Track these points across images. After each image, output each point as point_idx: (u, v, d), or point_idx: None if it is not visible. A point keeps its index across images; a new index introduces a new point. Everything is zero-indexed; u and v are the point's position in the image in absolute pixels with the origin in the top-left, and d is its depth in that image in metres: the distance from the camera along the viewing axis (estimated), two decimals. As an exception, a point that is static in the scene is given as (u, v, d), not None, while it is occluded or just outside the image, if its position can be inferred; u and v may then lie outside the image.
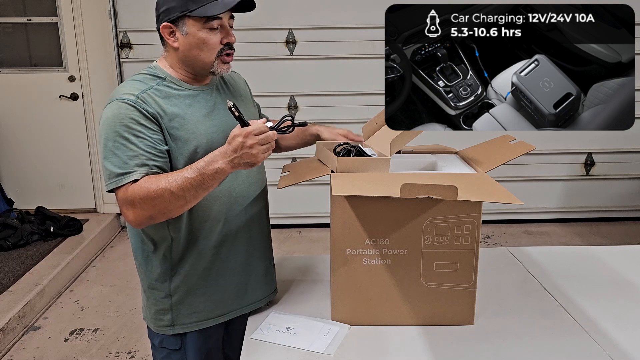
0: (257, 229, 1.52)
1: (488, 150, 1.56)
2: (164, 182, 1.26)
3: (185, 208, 1.31)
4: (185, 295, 1.45)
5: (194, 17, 1.33)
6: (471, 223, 1.33)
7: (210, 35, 1.36)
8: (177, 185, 1.25)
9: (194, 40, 1.36)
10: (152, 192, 1.26)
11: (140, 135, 1.30)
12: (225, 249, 1.46)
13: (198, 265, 1.44)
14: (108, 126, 1.31)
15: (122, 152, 1.29)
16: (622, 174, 4.39)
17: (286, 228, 4.35)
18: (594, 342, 1.33)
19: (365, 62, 4.04)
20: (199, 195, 1.29)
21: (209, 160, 1.26)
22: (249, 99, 1.61)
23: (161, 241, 1.42)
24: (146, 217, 1.29)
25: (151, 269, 1.45)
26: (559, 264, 1.76)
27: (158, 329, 1.49)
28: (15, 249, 3.65)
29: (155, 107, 1.34)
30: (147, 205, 1.27)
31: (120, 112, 1.31)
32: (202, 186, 1.27)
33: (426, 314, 1.39)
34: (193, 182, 1.26)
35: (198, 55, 1.37)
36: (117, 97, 1.34)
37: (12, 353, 2.76)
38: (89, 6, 4.13)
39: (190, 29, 1.35)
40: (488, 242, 4.06)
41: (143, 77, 1.40)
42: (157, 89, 1.37)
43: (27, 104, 4.29)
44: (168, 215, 1.31)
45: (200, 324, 1.47)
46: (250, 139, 1.23)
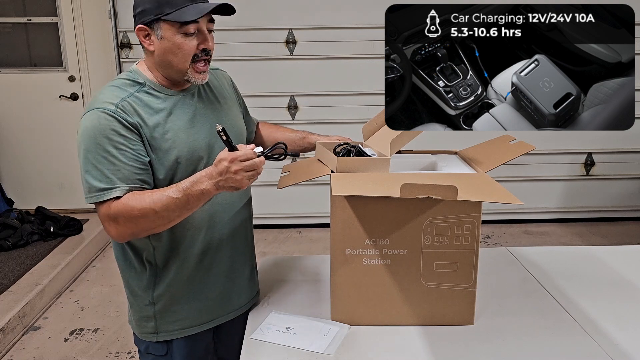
0: (241, 237, 1.51)
1: (488, 150, 1.56)
2: (148, 201, 1.24)
3: (169, 226, 1.30)
4: (168, 304, 1.43)
5: (168, 21, 1.29)
6: (471, 223, 1.33)
7: (186, 41, 1.30)
8: (161, 205, 1.23)
9: (168, 45, 1.31)
10: (136, 211, 1.24)
11: (122, 147, 1.27)
12: (208, 257, 1.44)
13: (181, 273, 1.42)
14: (88, 137, 1.28)
15: (103, 165, 1.26)
16: (622, 174, 4.39)
17: (286, 228, 4.35)
18: (594, 342, 1.33)
19: (365, 62, 4.04)
20: (183, 214, 1.27)
21: (194, 181, 1.24)
22: (234, 100, 1.56)
23: (142, 250, 1.40)
24: (129, 233, 1.28)
25: (133, 277, 1.43)
26: (559, 264, 1.76)
27: (142, 336, 1.47)
28: (15, 249, 3.65)
29: (135, 117, 1.30)
30: (130, 224, 1.25)
31: (100, 122, 1.27)
32: (187, 207, 1.25)
33: (426, 314, 1.39)
34: (178, 202, 1.23)
35: (172, 61, 1.32)
36: (96, 106, 1.30)
37: (12, 353, 2.76)
38: (89, 6, 4.13)
39: (165, 33, 1.30)
40: (488, 242, 4.06)
41: (122, 82, 1.35)
42: (136, 97, 1.32)
43: (27, 104, 4.29)
44: (151, 232, 1.30)
45: (184, 331, 1.46)
46: (235, 165, 1.21)
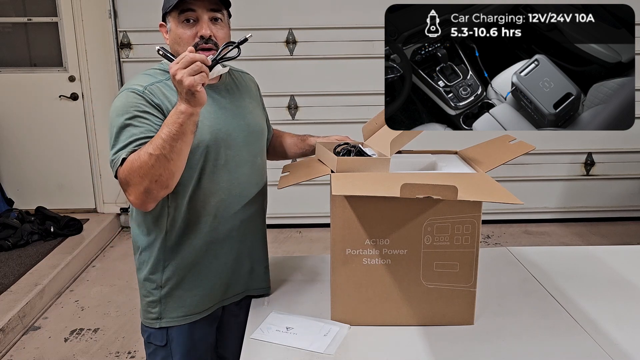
0: (252, 229, 1.54)
1: (488, 150, 1.56)
2: (143, 149, 1.26)
3: (173, 168, 1.27)
4: (174, 288, 1.47)
5: (171, 13, 1.39)
6: (471, 223, 1.33)
7: (184, 30, 1.38)
8: (152, 146, 1.24)
9: (173, 36, 1.41)
10: (136, 161, 1.26)
11: (143, 121, 1.33)
12: (217, 245, 1.47)
13: (189, 258, 1.45)
14: (115, 114, 1.34)
15: (124, 137, 1.32)
16: (622, 174, 4.39)
17: (286, 228, 4.35)
18: (594, 342, 1.33)
19: (365, 62, 4.04)
20: (177, 148, 1.24)
21: (171, 112, 1.25)
22: (258, 102, 1.62)
23: (159, 232, 1.44)
24: (142, 192, 1.27)
25: (148, 260, 1.47)
26: (559, 264, 1.76)
27: (146, 322, 1.51)
28: (15, 249, 3.65)
29: (162, 99, 1.36)
30: (136, 178, 1.26)
31: (127, 100, 1.34)
32: (173, 136, 1.23)
33: (426, 314, 1.39)
34: (163, 135, 1.23)
35: (179, 51, 1.39)
36: (127, 87, 1.38)
37: (12, 353, 2.76)
38: (89, 6, 4.13)
39: (171, 25, 1.41)
40: (488, 242, 4.06)
41: (154, 71, 1.44)
42: (165, 84, 1.39)
43: (27, 104, 4.29)
44: (162, 182, 1.27)
45: (186, 318, 1.49)
46: (178, 73, 1.20)
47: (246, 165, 1.49)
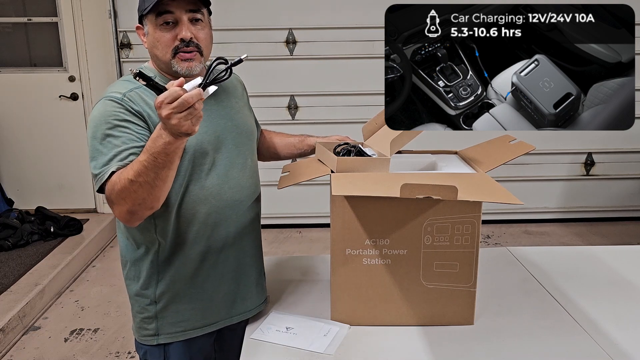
0: (249, 236, 1.48)
1: (488, 150, 1.56)
2: (124, 173, 1.20)
3: (158, 193, 1.21)
4: (170, 302, 1.40)
5: (148, 15, 1.33)
6: (471, 223, 1.33)
7: (163, 33, 1.32)
8: (134, 172, 1.18)
9: (151, 40, 1.35)
10: (118, 184, 1.21)
11: (123, 130, 1.27)
12: (213, 255, 1.41)
13: (184, 270, 1.39)
14: (94, 124, 1.29)
15: (105, 148, 1.26)
16: (622, 174, 4.39)
17: (286, 228, 4.35)
18: (594, 342, 1.33)
19: (365, 62, 4.04)
20: (162, 175, 1.18)
21: (154, 138, 1.16)
22: (245, 101, 1.57)
23: (149, 245, 1.38)
24: (125, 212, 1.24)
25: (138, 275, 1.41)
26: (559, 264, 1.76)
27: (142, 339, 1.44)
28: (15, 249, 3.65)
29: (142, 105, 1.31)
30: (120, 200, 1.22)
31: (106, 109, 1.28)
32: (158, 164, 1.16)
33: (426, 314, 1.39)
34: (146, 163, 1.16)
35: (157, 54, 1.35)
36: (104, 95, 1.32)
37: (12, 353, 2.76)
38: (89, 6, 4.13)
39: (149, 28, 1.35)
40: (488, 242, 4.06)
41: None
42: (145, 89, 1.31)
43: (27, 104, 4.29)
44: (145, 204, 1.22)
45: (186, 333, 1.43)
46: (164, 109, 1.10)
47: (237, 167, 1.42)
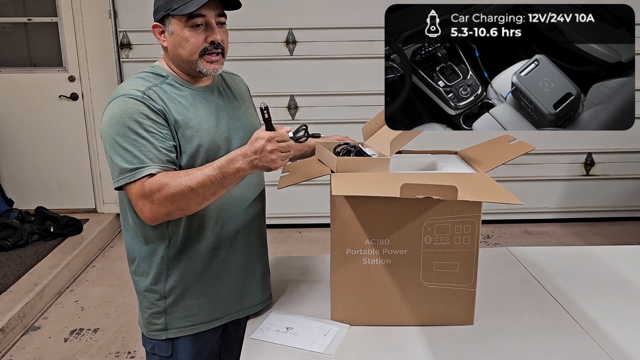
0: (255, 232, 1.51)
1: (488, 150, 1.56)
2: (184, 179, 1.26)
3: (202, 206, 1.30)
4: (180, 297, 1.43)
5: (176, 15, 1.34)
6: (471, 223, 1.33)
7: (193, 34, 1.35)
8: (197, 182, 1.25)
9: (177, 39, 1.36)
10: (172, 188, 1.25)
11: (151, 129, 1.30)
12: (222, 251, 1.44)
13: (194, 265, 1.42)
14: (116, 122, 1.30)
15: (134, 147, 1.28)
16: (622, 174, 4.39)
17: (286, 228, 4.35)
18: (594, 342, 1.33)
19: (365, 62, 4.04)
20: (217, 193, 1.29)
21: (230, 159, 1.26)
22: (250, 103, 1.61)
23: (160, 241, 1.40)
24: (163, 213, 1.28)
25: (148, 271, 1.43)
26: (559, 264, 1.76)
27: (150, 334, 1.46)
28: (15, 249, 3.65)
29: (161, 104, 1.34)
30: (165, 202, 1.26)
31: (128, 107, 1.30)
32: (222, 184, 1.27)
33: (426, 314, 1.39)
34: (213, 179, 1.26)
35: (182, 54, 1.37)
36: (122, 93, 1.33)
37: (12, 353, 2.76)
38: (89, 6, 4.13)
39: (174, 27, 1.36)
40: (488, 242, 4.06)
41: (146, 75, 1.40)
42: (160, 87, 1.37)
43: (27, 104, 4.28)
44: (184, 212, 1.30)
45: (194, 327, 1.45)
46: (271, 144, 1.24)
47: None
